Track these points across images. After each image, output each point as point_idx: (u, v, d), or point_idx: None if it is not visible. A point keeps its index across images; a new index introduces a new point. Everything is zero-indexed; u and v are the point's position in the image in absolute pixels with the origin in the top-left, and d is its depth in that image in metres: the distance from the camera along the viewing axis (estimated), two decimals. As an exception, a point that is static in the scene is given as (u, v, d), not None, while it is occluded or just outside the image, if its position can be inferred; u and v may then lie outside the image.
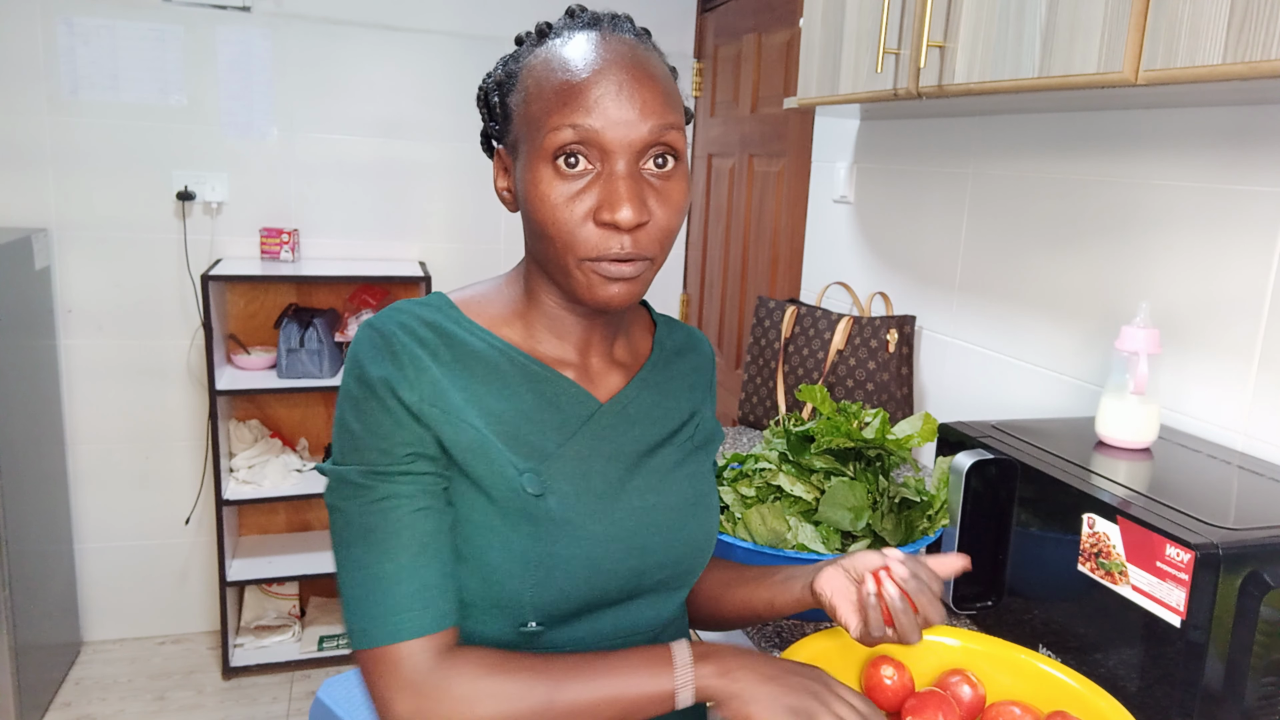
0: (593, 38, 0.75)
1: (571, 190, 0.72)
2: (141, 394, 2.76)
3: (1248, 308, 1.17)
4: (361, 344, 0.76)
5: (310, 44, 2.72)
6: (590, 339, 0.85)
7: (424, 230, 2.92)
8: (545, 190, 0.73)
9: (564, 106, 0.71)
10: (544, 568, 0.77)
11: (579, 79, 0.72)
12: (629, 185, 0.71)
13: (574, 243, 0.73)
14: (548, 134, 0.72)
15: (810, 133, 2.27)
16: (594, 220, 0.72)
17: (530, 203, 0.74)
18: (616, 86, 0.71)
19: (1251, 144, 1.16)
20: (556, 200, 0.72)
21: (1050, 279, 1.50)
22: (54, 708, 2.53)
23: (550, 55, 0.75)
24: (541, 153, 0.73)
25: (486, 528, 0.76)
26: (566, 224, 0.72)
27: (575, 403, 0.81)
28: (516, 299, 0.84)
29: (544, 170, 0.73)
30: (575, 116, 0.71)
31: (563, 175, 0.72)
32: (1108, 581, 0.95)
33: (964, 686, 0.88)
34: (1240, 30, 0.84)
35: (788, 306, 1.93)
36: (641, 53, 0.75)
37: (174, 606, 2.90)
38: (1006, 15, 1.14)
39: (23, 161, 2.55)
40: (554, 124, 0.71)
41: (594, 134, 0.71)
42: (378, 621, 0.72)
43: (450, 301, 0.82)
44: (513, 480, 0.76)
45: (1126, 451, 1.14)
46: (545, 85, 0.73)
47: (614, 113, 0.71)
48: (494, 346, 0.80)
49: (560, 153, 0.72)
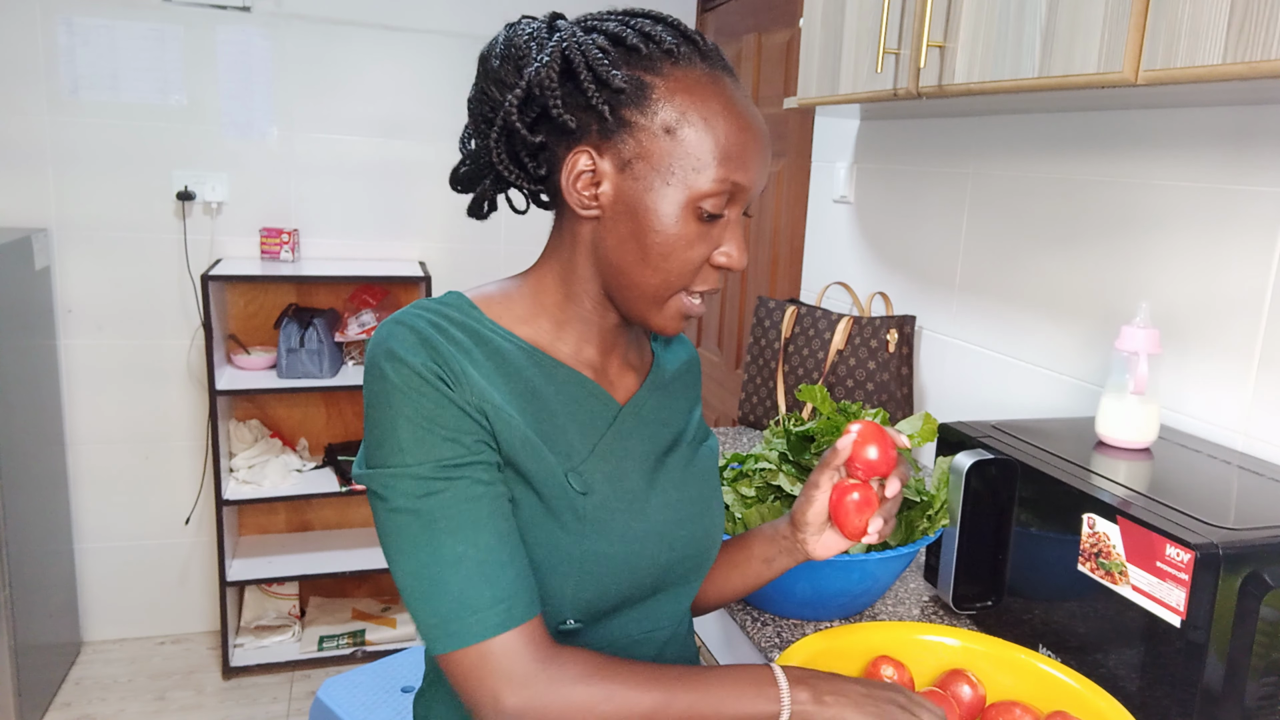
0: (735, 85, 0.77)
1: (704, 233, 0.76)
2: (141, 394, 2.76)
3: (1248, 308, 1.17)
4: (395, 340, 0.73)
5: (310, 44, 2.72)
6: (616, 345, 0.86)
7: (424, 230, 2.92)
8: (682, 229, 0.75)
9: (728, 160, 0.74)
10: (586, 565, 0.78)
11: (744, 135, 0.75)
12: (744, 235, 0.78)
13: (688, 279, 0.77)
14: (705, 183, 0.74)
15: (810, 133, 2.27)
16: (710, 262, 0.77)
17: (654, 233, 0.75)
18: (763, 143, 0.77)
19: (1251, 144, 1.16)
20: (691, 239, 0.75)
21: (1050, 279, 1.50)
22: (54, 708, 2.53)
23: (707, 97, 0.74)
24: (691, 193, 0.74)
25: (534, 525, 0.76)
26: (690, 262, 0.76)
27: (599, 404, 0.83)
28: (546, 300, 0.83)
29: (687, 210, 0.75)
30: (735, 173, 0.75)
31: (701, 220, 0.75)
32: (1108, 581, 0.95)
33: (964, 686, 0.88)
34: (1240, 30, 0.84)
35: (788, 306, 1.92)
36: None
37: (174, 606, 2.90)
38: (1006, 15, 1.14)
39: (23, 161, 2.55)
40: (714, 176, 0.74)
41: (742, 190, 0.76)
42: (471, 617, 0.70)
43: (469, 301, 0.81)
44: (560, 478, 0.76)
45: (1126, 451, 1.14)
46: (708, 132, 0.74)
47: (757, 169, 0.77)
48: (518, 346, 0.80)
49: (711, 199, 0.74)
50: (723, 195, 0.74)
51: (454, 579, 0.70)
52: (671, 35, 0.76)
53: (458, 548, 0.71)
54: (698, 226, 0.75)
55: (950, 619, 1.23)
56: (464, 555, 0.70)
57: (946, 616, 1.24)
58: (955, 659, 0.92)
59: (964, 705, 0.87)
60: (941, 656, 0.93)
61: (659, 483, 0.85)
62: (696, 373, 0.99)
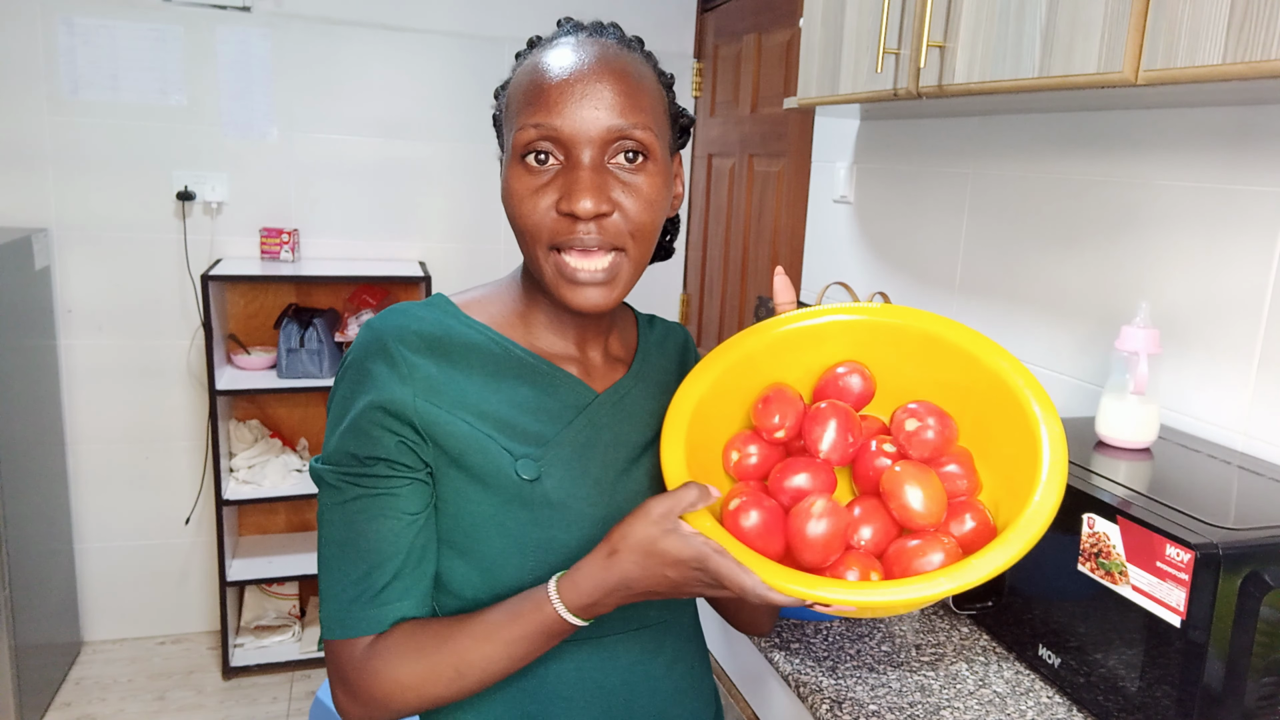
0: (568, 43, 0.78)
1: (537, 184, 0.76)
2: (141, 394, 2.76)
3: (1248, 308, 1.17)
4: (355, 346, 0.79)
5: (310, 44, 2.72)
6: (586, 335, 0.87)
7: (424, 230, 2.92)
8: (514, 185, 0.76)
9: (529, 106, 0.75)
10: (541, 552, 0.79)
11: (544, 80, 0.76)
12: (589, 176, 0.74)
13: (539, 232, 0.76)
14: (515, 133, 0.76)
15: (810, 133, 2.27)
16: (556, 210, 0.75)
17: (505, 199, 0.78)
18: (580, 85, 0.74)
19: (1251, 144, 1.16)
20: (523, 194, 0.76)
21: (1050, 279, 1.50)
22: (54, 708, 2.53)
23: (528, 63, 0.79)
24: (513, 152, 0.77)
25: (484, 517, 0.78)
26: (531, 215, 0.76)
27: (573, 393, 0.83)
28: (517, 298, 0.86)
29: (515, 168, 0.77)
30: (538, 116, 0.75)
31: (530, 171, 0.76)
32: (1108, 581, 0.95)
33: (854, 377, 0.84)
34: (1240, 30, 0.84)
35: (788, 306, 1.92)
36: (613, 53, 0.77)
37: (174, 606, 2.90)
38: (1006, 15, 1.14)
39: (23, 161, 2.55)
40: (520, 123, 0.76)
41: (554, 131, 0.74)
42: (327, 617, 0.78)
43: (450, 301, 0.85)
44: (507, 467, 0.78)
45: (1126, 451, 1.14)
46: (517, 90, 0.78)
47: (573, 110, 0.74)
48: (494, 341, 0.82)
49: (527, 150, 0.75)
50: (532, 141, 0.75)
51: (323, 575, 0.78)
52: (558, 29, 0.82)
53: (326, 550, 0.78)
54: (530, 179, 0.76)
55: (950, 619, 1.24)
56: (329, 558, 0.78)
57: (946, 616, 1.24)
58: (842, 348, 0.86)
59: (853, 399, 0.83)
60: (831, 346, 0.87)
61: (635, 472, 0.84)
62: (693, 359, 0.98)
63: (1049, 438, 0.73)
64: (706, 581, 0.70)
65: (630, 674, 0.84)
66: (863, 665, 1.11)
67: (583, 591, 0.73)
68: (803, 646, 1.16)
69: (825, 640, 1.17)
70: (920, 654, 1.15)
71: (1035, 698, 1.05)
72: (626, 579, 0.72)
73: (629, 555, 0.71)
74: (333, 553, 0.77)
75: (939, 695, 1.05)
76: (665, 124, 0.80)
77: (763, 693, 1.26)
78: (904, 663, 1.12)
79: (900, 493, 0.74)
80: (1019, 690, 1.07)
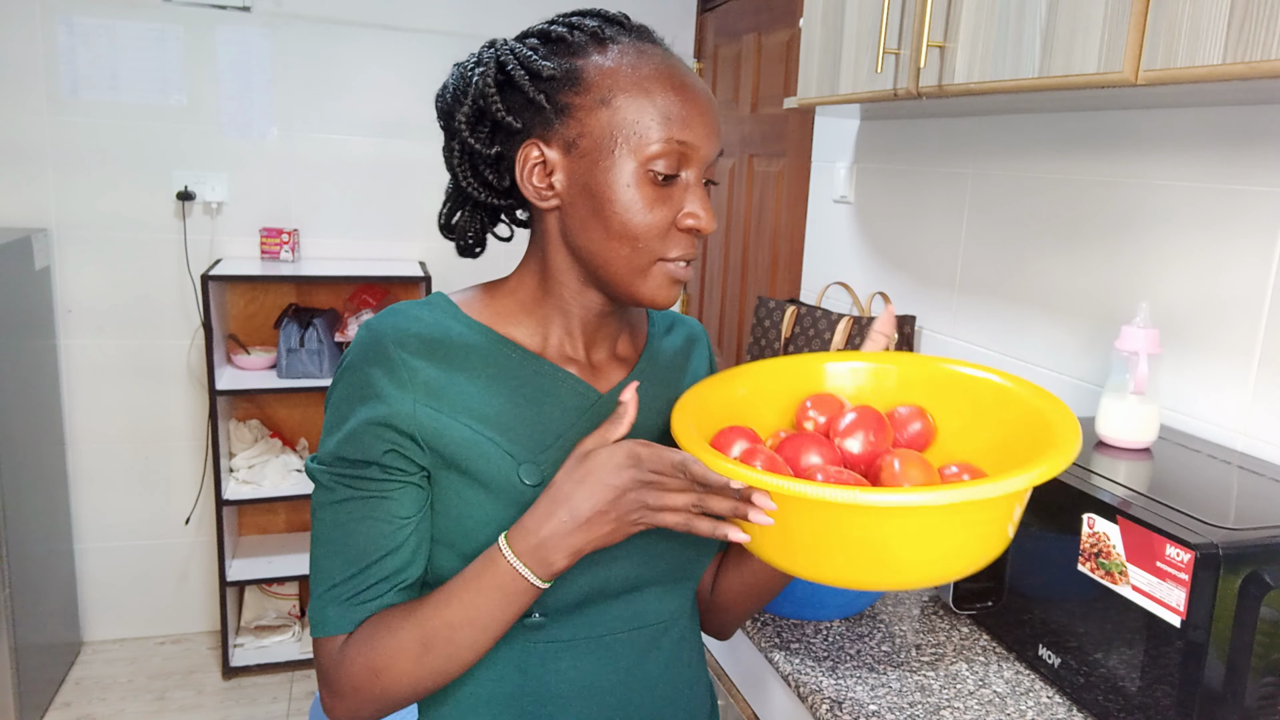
0: (668, 55, 0.79)
1: (658, 195, 0.77)
2: (141, 394, 2.76)
3: (1248, 308, 1.17)
4: (353, 347, 0.79)
5: (310, 44, 2.72)
6: (599, 336, 0.86)
7: (424, 230, 2.92)
8: (638, 195, 0.76)
9: (669, 121, 0.75)
10: None
11: (682, 96, 0.76)
12: (706, 197, 0.78)
13: (661, 245, 0.77)
14: (651, 145, 0.75)
15: (810, 133, 2.27)
16: (677, 226, 0.77)
17: (612, 205, 0.76)
18: (709, 106, 0.78)
19: (1251, 144, 1.16)
20: (650, 204, 0.76)
21: (1050, 279, 1.50)
22: (54, 708, 2.53)
23: (638, 65, 0.77)
24: (639, 157, 0.75)
25: (485, 520, 0.77)
26: (655, 227, 0.77)
27: (575, 395, 0.83)
28: (525, 297, 0.85)
29: (639, 176, 0.76)
30: (679, 133, 0.75)
31: (656, 183, 0.76)
32: (1108, 581, 0.95)
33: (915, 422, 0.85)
34: (1240, 30, 0.84)
35: (788, 306, 1.92)
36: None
37: (174, 606, 2.90)
38: (1006, 15, 1.14)
39: (23, 161, 2.55)
40: (658, 137, 0.75)
41: (693, 150, 0.76)
42: (313, 613, 0.79)
43: (450, 300, 0.84)
44: (509, 472, 0.77)
45: (1126, 451, 1.14)
46: (644, 97, 0.76)
47: (703, 130, 0.77)
48: (494, 341, 0.81)
49: (658, 162, 0.76)
50: (671, 155, 0.75)
51: (313, 573, 0.79)
52: (596, 21, 0.80)
53: (316, 549, 0.79)
54: (653, 190, 0.76)
55: (950, 619, 1.24)
56: (318, 556, 0.78)
57: (946, 616, 1.24)
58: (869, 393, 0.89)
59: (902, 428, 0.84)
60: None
61: None
62: (704, 351, 0.97)
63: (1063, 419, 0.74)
64: (646, 481, 0.71)
65: (627, 675, 0.84)
66: (863, 665, 1.11)
67: (528, 530, 0.73)
68: (803, 646, 1.16)
69: (825, 640, 1.17)
70: (920, 654, 1.15)
71: (1035, 698, 1.05)
72: (569, 503, 0.72)
73: (564, 477, 0.73)
74: (322, 551, 0.78)
75: (939, 695, 1.05)
76: None
77: (763, 693, 1.26)
78: (904, 663, 1.12)
79: (892, 476, 0.75)
80: (1019, 690, 1.07)
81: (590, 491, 0.71)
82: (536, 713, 0.81)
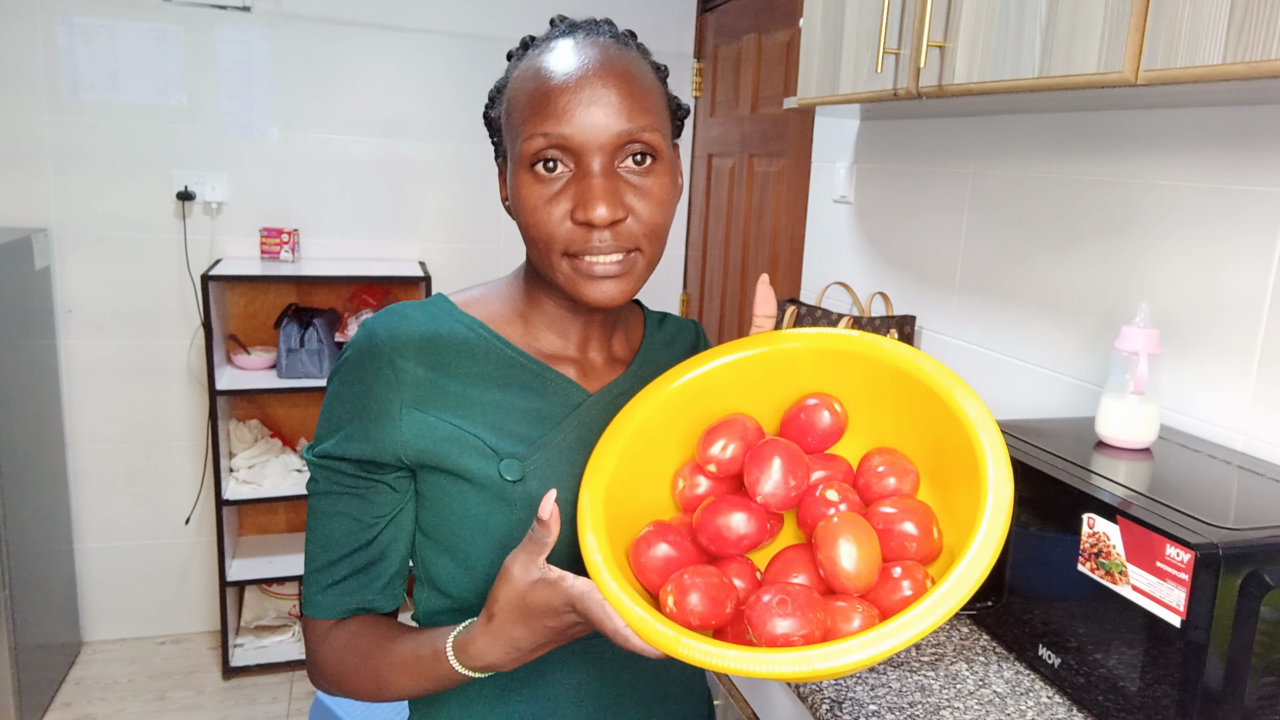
0: (566, 45, 0.77)
1: (549, 193, 0.75)
2: (141, 394, 2.76)
3: (1248, 308, 1.17)
4: (351, 345, 0.81)
5: (310, 44, 2.72)
6: (589, 335, 0.86)
7: (424, 230, 2.92)
8: (525, 195, 0.76)
9: (535, 115, 0.74)
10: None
11: (548, 87, 0.74)
12: (602, 184, 0.73)
13: (554, 240, 0.75)
14: (523, 142, 0.75)
15: (810, 133, 2.27)
16: (571, 220, 0.75)
17: (515, 208, 0.78)
18: (586, 92, 0.73)
19: (1251, 144, 1.16)
20: (536, 204, 0.75)
21: (1050, 279, 1.50)
22: (54, 708, 2.53)
23: (527, 66, 0.78)
24: (520, 161, 0.76)
25: (467, 516, 0.79)
26: (546, 225, 0.75)
27: (565, 394, 0.83)
28: (517, 299, 0.86)
29: (523, 176, 0.76)
30: (546, 125, 0.73)
31: (540, 180, 0.75)
32: (1108, 581, 0.95)
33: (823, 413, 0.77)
34: (1240, 30, 0.84)
35: (788, 306, 1.92)
36: (613, 54, 0.76)
37: (174, 606, 2.90)
38: (1006, 15, 1.14)
39: (23, 161, 2.55)
40: (528, 132, 0.75)
41: (564, 139, 0.73)
42: (304, 591, 0.83)
43: (449, 301, 0.85)
44: (491, 468, 0.78)
45: (1126, 451, 1.14)
46: (520, 96, 0.76)
47: (582, 118, 0.73)
48: (489, 340, 0.82)
49: (536, 159, 0.75)
50: (541, 150, 0.74)
51: (305, 553, 0.83)
52: (546, 30, 0.82)
53: (307, 532, 0.82)
54: (541, 188, 0.75)
55: (950, 619, 1.24)
56: (308, 539, 0.82)
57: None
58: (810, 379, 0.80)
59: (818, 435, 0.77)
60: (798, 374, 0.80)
61: None
62: (703, 348, 0.97)
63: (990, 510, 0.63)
64: (587, 621, 0.67)
65: (618, 679, 0.84)
66: (863, 665, 1.11)
67: (473, 656, 0.72)
68: (803, 646, 1.15)
69: (825, 640, 1.17)
70: (920, 654, 1.15)
71: (1035, 698, 1.05)
72: (512, 639, 0.70)
73: (504, 617, 0.70)
74: (310, 535, 0.82)
75: (939, 695, 1.05)
76: (666, 119, 0.80)
77: (763, 693, 1.26)
78: (904, 663, 1.12)
79: (831, 546, 0.66)
80: (1019, 690, 1.07)
81: (531, 632, 0.69)
82: (528, 714, 0.82)
